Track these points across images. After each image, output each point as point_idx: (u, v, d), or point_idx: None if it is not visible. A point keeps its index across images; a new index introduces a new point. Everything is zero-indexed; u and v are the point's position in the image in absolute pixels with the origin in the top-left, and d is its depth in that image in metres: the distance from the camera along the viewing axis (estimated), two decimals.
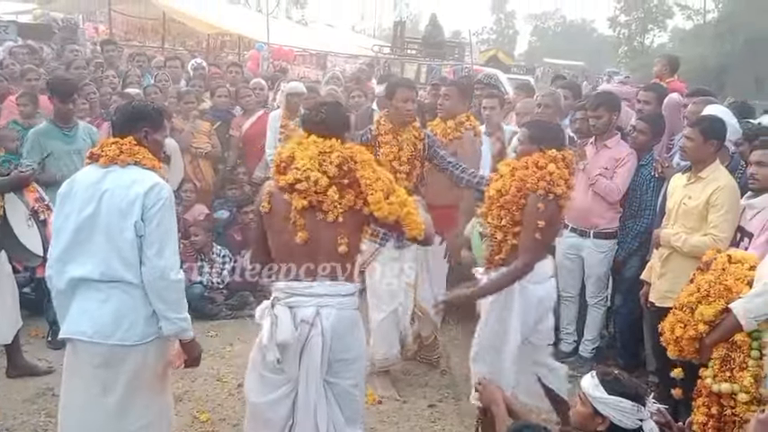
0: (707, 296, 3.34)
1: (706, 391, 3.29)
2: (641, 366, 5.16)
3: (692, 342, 3.36)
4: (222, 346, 5.49)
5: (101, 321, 3.04)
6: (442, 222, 4.69)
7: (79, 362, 3.13)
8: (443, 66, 15.78)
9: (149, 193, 3.04)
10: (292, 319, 3.05)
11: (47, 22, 12.76)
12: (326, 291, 3.11)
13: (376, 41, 22.67)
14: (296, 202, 3.07)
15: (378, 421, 4.51)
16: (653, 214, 5.01)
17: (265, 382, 3.17)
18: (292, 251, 3.12)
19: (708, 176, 4.36)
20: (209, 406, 4.55)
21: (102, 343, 3.04)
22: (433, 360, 5.22)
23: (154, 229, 3.03)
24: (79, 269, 3.05)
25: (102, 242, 3.04)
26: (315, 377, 3.08)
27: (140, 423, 3.17)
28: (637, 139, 5.21)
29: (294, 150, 3.16)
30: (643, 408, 2.73)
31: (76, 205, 3.07)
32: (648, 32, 45.27)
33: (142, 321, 3.09)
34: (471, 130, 5.24)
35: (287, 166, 3.13)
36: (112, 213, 3.03)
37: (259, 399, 3.19)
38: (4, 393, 4.52)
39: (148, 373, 3.17)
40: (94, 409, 3.11)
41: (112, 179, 3.08)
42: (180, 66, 8.85)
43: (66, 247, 3.07)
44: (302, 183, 3.06)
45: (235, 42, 17.44)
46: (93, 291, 3.06)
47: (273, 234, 3.18)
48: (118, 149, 3.12)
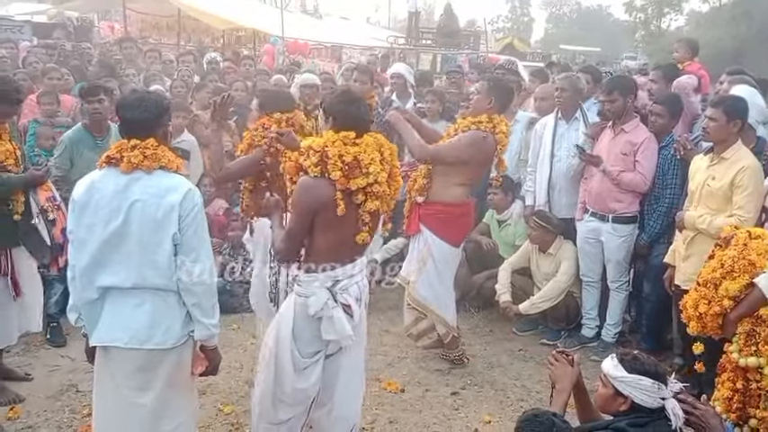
0: (731, 272, 3.31)
1: (731, 365, 3.27)
2: (666, 350, 5.12)
3: (715, 318, 3.34)
4: (244, 339, 5.51)
5: (136, 327, 2.97)
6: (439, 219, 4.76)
7: (113, 367, 3.06)
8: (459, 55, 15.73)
9: (184, 202, 2.94)
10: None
11: (61, 21, 12.84)
12: (360, 268, 3.38)
13: (390, 33, 22.63)
14: (369, 204, 3.21)
15: (401, 410, 4.51)
16: (674, 195, 4.96)
17: (301, 366, 3.33)
18: (344, 245, 3.27)
19: (731, 157, 4.31)
20: (232, 398, 4.57)
21: (139, 348, 2.99)
22: (454, 358, 5.16)
23: (191, 236, 2.96)
24: (110, 278, 2.95)
25: (134, 252, 2.93)
26: (362, 344, 3.51)
27: (175, 423, 3.16)
28: (655, 123, 5.14)
29: (346, 150, 3.18)
30: (664, 386, 2.71)
31: (100, 216, 2.92)
32: (665, 16, 44.73)
33: (179, 324, 3.04)
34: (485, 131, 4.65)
35: (352, 169, 3.15)
36: (146, 224, 2.92)
37: (303, 384, 3.36)
38: (28, 391, 4.54)
39: (183, 373, 3.16)
40: (130, 413, 3.07)
41: (141, 188, 2.93)
42: (193, 61, 8.87)
43: (94, 258, 2.94)
44: (376, 186, 3.19)
45: (249, 37, 17.46)
46: (127, 297, 2.98)
47: (327, 231, 3.21)
48: (141, 155, 2.94)
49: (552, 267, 5.64)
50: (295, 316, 3.29)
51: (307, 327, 3.29)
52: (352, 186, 3.15)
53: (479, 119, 4.67)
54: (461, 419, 4.46)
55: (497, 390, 4.87)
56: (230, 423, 4.28)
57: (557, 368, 3.04)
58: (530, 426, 2.49)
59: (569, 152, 5.53)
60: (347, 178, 3.14)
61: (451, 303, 5.05)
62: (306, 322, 3.28)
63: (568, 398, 2.98)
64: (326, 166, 3.15)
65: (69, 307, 3.10)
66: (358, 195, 3.20)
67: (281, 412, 3.43)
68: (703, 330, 3.48)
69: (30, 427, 4.15)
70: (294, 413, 3.44)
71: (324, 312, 3.21)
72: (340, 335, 3.24)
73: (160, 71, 7.97)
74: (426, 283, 4.88)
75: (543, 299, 5.55)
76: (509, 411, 4.57)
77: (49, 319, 5.22)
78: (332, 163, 3.14)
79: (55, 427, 4.18)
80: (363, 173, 3.16)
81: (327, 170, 3.15)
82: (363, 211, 3.23)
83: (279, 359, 3.34)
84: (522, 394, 4.81)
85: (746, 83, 5.22)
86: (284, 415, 3.43)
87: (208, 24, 16.40)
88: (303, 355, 3.31)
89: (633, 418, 2.69)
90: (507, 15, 64.98)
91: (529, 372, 5.14)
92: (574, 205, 5.61)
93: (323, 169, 3.16)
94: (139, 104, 3.02)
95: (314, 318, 3.24)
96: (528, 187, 5.92)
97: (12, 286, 4.32)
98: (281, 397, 3.38)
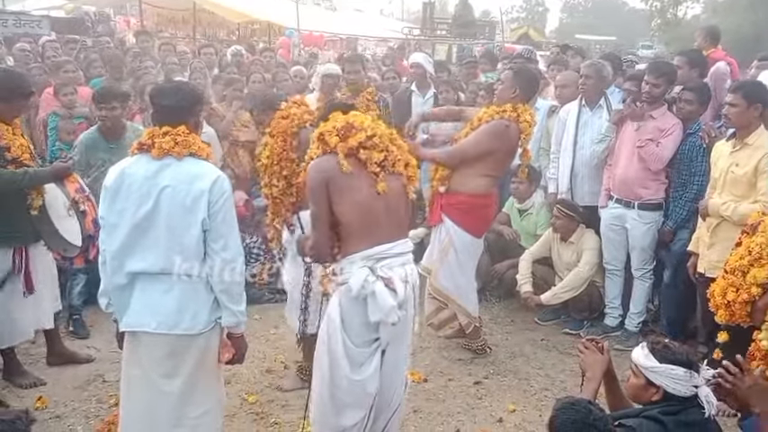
0: (759, 258, 3.28)
1: (760, 353, 3.24)
2: (690, 339, 5.08)
3: (744, 306, 3.31)
4: (267, 329, 5.53)
5: (164, 312, 3.01)
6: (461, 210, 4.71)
7: (142, 353, 3.10)
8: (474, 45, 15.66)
9: (213, 188, 2.97)
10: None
11: (79, 16, 12.89)
12: (406, 248, 3.30)
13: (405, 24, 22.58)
14: (375, 155, 3.17)
15: (424, 399, 4.50)
16: (702, 182, 4.89)
17: (357, 358, 3.21)
18: (373, 215, 3.17)
19: (754, 142, 4.27)
20: (257, 388, 4.58)
21: (168, 333, 3.02)
22: (476, 348, 5.13)
23: (220, 223, 2.99)
24: (139, 263, 2.99)
25: (162, 237, 2.97)
26: (408, 332, 3.38)
27: (202, 410, 3.17)
28: (683, 110, 5.07)
29: (339, 120, 3.23)
30: (696, 374, 2.68)
31: (132, 201, 2.96)
32: (681, 4, 44.21)
33: (206, 309, 3.07)
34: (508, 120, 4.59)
35: (347, 130, 3.19)
36: (175, 210, 2.95)
37: (360, 376, 3.21)
38: (55, 381, 4.59)
39: (210, 359, 3.18)
40: (158, 399, 3.10)
41: (171, 174, 2.97)
42: (214, 53, 8.89)
43: (124, 243, 2.98)
44: (375, 138, 3.19)
45: (264, 30, 17.46)
46: (155, 282, 3.02)
47: (348, 200, 3.15)
48: (173, 141, 2.98)
49: (574, 257, 5.60)
50: (341, 304, 3.20)
51: (354, 313, 3.17)
52: (351, 143, 3.15)
53: (503, 108, 4.63)
54: (485, 408, 4.45)
55: (521, 379, 4.85)
56: (255, 412, 4.29)
57: (587, 356, 3.02)
58: (566, 414, 2.47)
59: (593, 140, 5.49)
60: (345, 139, 3.16)
61: (473, 294, 5.03)
62: (352, 307, 3.17)
63: (599, 386, 2.96)
64: (325, 141, 3.18)
65: (100, 292, 3.14)
66: (362, 152, 3.18)
67: (345, 417, 3.26)
68: (732, 318, 3.45)
69: (57, 417, 4.19)
70: (357, 417, 3.26)
71: (365, 290, 3.10)
72: (384, 311, 3.09)
73: (177, 63, 7.97)
74: (448, 274, 4.86)
75: (565, 289, 5.52)
76: (533, 400, 4.55)
77: (72, 311, 5.25)
78: (327, 135, 3.19)
79: (82, 417, 4.21)
80: (359, 129, 3.21)
81: (327, 143, 3.17)
82: (371, 164, 3.17)
83: (332, 353, 3.21)
84: (546, 383, 4.79)
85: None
86: (348, 420, 3.27)
87: (223, 18, 16.43)
88: (357, 345, 3.20)
89: (665, 407, 2.67)
90: (522, 5, 64.57)
91: (552, 361, 5.12)
92: (596, 193, 5.56)
93: (323, 146, 3.19)
94: (177, 92, 3.11)
95: (358, 299, 3.13)
96: (551, 174, 5.89)
97: (24, 283, 4.32)
98: (339, 396, 3.24)
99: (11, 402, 4.27)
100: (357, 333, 3.20)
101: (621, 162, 5.23)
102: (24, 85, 4.30)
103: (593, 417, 2.41)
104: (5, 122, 4.21)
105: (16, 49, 7.66)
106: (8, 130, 4.23)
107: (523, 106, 4.66)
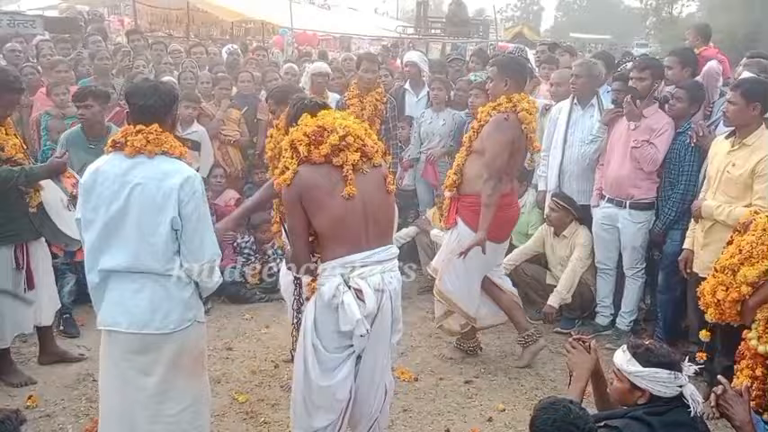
0: (749, 257, 3.28)
1: (750, 353, 3.24)
2: (681, 338, 5.08)
3: (734, 304, 3.31)
4: (258, 329, 5.52)
5: (135, 311, 3.03)
6: (474, 211, 4.59)
7: (116, 350, 3.12)
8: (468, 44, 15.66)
9: (184, 186, 2.99)
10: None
11: (73, 15, 12.84)
12: (386, 256, 3.24)
13: (399, 23, 22.55)
14: (350, 155, 3.10)
15: (414, 398, 4.50)
16: (690, 181, 4.89)
17: (329, 363, 3.20)
18: (350, 223, 3.12)
19: (753, 143, 4.24)
20: (246, 387, 4.58)
21: (138, 333, 3.04)
22: (468, 349, 5.11)
23: (194, 223, 3.02)
24: (110, 261, 3.02)
25: (132, 235, 2.99)
26: (386, 341, 3.32)
27: (180, 407, 3.18)
28: (674, 107, 5.07)
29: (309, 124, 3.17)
30: (680, 374, 2.67)
31: (104, 198, 3.00)
32: (676, 2, 44.30)
33: (178, 309, 3.09)
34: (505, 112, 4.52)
35: (318, 134, 3.10)
36: (145, 207, 2.97)
37: (328, 382, 3.20)
38: (45, 380, 4.59)
39: (186, 358, 3.18)
40: (134, 396, 3.12)
41: (142, 172, 3.00)
42: (205, 53, 8.87)
43: (97, 240, 3.03)
44: (349, 138, 3.11)
45: (258, 29, 17.45)
46: (126, 281, 3.04)
47: (322, 212, 3.10)
48: (144, 139, 3.01)
49: (567, 251, 5.61)
50: (315, 309, 3.21)
51: (327, 320, 3.17)
52: (324, 150, 3.07)
53: (498, 102, 4.58)
54: (475, 408, 4.45)
55: (511, 378, 4.85)
56: (245, 412, 4.29)
57: (574, 355, 3.02)
58: (546, 413, 2.46)
59: (582, 139, 5.49)
60: (317, 145, 3.08)
61: (476, 298, 4.89)
62: (325, 314, 3.17)
63: (586, 385, 2.96)
64: (297, 150, 3.11)
65: None
66: (338, 156, 3.10)
67: (317, 419, 3.27)
68: (721, 317, 3.45)
69: (48, 416, 4.18)
70: (328, 420, 3.26)
71: (336, 299, 3.10)
72: (351, 322, 3.09)
73: (170, 63, 7.95)
74: (453, 277, 4.78)
75: (566, 288, 5.50)
76: (523, 399, 4.55)
77: (62, 310, 5.24)
78: (298, 142, 3.11)
79: (72, 416, 4.21)
80: (330, 131, 3.11)
81: (298, 151, 3.10)
82: (346, 166, 3.10)
83: (305, 356, 3.23)
84: (537, 382, 4.79)
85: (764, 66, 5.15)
86: (319, 422, 3.27)
87: (216, 17, 16.40)
88: (329, 351, 3.19)
89: (651, 407, 2.66)
90: (516, 4, 64.66)
91: (543, 360, 5.11)
92: (584, 191, 5.57)
93: (296, 155, 3.11)
94: (153, 92, 3.11)
95: (330, 308, 3.13)
96: (541, 172, 5.89)
97: (26, 279, 4.37)
98: (311, 398, 3.25)
99: (2, 401, 4.26)
100: (330, 339, 3.20)
101: (613, 162, 5.23)
102: (9, 80, 4.29)
103: (572, 415, 2.41)
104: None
105: (6, 49, 7.61)
106: (0, 129, 4.24)
107: (519, 95, 4.56)
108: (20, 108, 6.00)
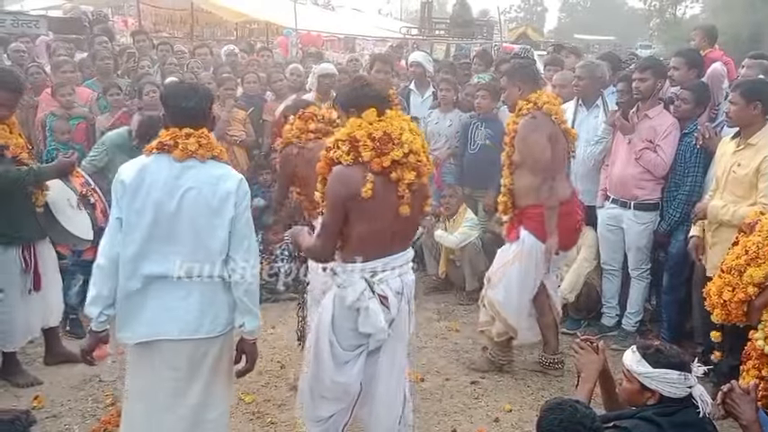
0: (756, 258, 3.28)
1: (756, 353, 3.25)
2: (687, 339, 5.07)
3: (740, 305, 3.31)
4: (264, 330, 5.49)
5: (187, 318, 2.95)
6: (539, 221, 4.51)
7: (160, 362, 3.00)
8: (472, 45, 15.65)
9: (239, 189, 2.95)
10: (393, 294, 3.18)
11: (77, 15, 12.86)
12: (406, 259, 3.27)
13: (403, 24, 22.56)
14: (407, 175, 3.05)
15: (421, 398, 4.50)
16: (695, 182, 4.89)
17: (342, 360, 3.24)
18: (382, 236, 3.12)
19: (758, 143, 4.24)
20: (253, 387, 4.58)
21: (190, 339, 2.96)
22: (498, 361, 4.93)
23: (244, 225, 2.97)
24: (157, 267, 2.90)
25: (186, 240, 2.91)
26: (404, 340, 3.36)
27: (218, 411, 3.15)
28: (679, 108, 5.07)
29: (373, 128, 3.05)
30: (690, 375, 2.68)
31: (151, 201, 2.87)
32: (680, 3, 44.26)
33: (225, 310, 3.04)
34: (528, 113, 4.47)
35: (384, 144, 3.00)
36: (200, 211, 2.90)
37: (342, 378, 3.25)
38: (52, 380, 4.60)
39: (225, 360, 3.15)
40: (177, 405, 3.04)
41: (194, 176, 2.91)
42: (209, 53, 8.88)
43: (141, 245, 2.88)
44: (411, 156, 3.06)
45: (262, 30, 17.44)
46: (172, 287, 2.93)
47: (363, 222, 3.06)
48: (197, 143, 2.92)
49: (573, 252, 5.56)
50: (334, 307, 3.21)
51: (345, 319, 3.18)
52: (386, 162, 2.99)
53: (518, 108, 4.53)
54: (482, 408, 4.45)
55: (517, 379, 4.85)
56: (251, 412, 4.30)
57: (582, 356, 3.02)
58: (552, 413, 2.46)
59: (587, 140, 5.48)
60: (381, 155, 3.00)
61: (525, 309, 4.76)
62: (344, 314, 3.18)
63: (594, 386, 2.96)
64: (358, 150, 3.01)
65: (92, 299, 2.95)
66: (396, 171, 3.04)
67: (322, 409, 3.34)
68: (728, 318, 3.46)
69: (54, 416, 4.19)
70: (334, 410, 3.33)
71: (360, 303, 3.10)
72: (374, 327, 3.12)
73: (176, 63, 7.95)
74: (507, 286, 4.70)
75: (570, 289, 5.50)
76: (529, 400, 4.55)
77: (69, 310, 5.24)
78: (362, 144, 3.00)
79: (79, 416, 4.21)
80: (396, 143, 3.03)
81: (359, 153, 3.00)
82: (402, 185, 3.05)
83: (319, 351, 3.26)
84: (543, 383, 4.79)
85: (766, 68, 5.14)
86: (325, 412, 3.33)
87: (221, 17, 16.41)
88: (344, 348, 3.22)
89: (661, 408, 2.66)
90: (520, 5, 64.53)
91: None
92: (589, 192, 5.56)
93: (355, 155, 3.02)
94: (194, 94, 3.02)
95: (351, 309, 3.14)
96: None
97: (33, 280, 4.37)
98: (321, 391, 3.30)
99: (8, 402, 4.28)
100: (345, 336, 3.22)
101: (618, 162, 5.24)
102: (10, 80, 4.29)
103: (579, 415, 2.41)
104: (1, 121, 4.21)
105: (10, 49, 7.63)
106: (4, 128, 4.25)
107: (536, 94, 4.51)
108: (25, 109, 6.02)
